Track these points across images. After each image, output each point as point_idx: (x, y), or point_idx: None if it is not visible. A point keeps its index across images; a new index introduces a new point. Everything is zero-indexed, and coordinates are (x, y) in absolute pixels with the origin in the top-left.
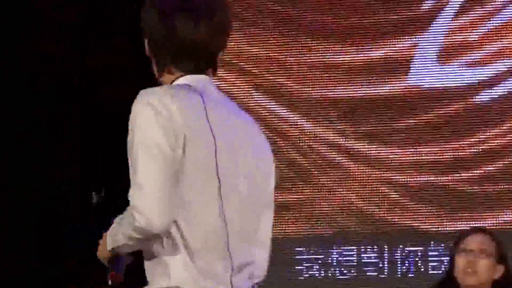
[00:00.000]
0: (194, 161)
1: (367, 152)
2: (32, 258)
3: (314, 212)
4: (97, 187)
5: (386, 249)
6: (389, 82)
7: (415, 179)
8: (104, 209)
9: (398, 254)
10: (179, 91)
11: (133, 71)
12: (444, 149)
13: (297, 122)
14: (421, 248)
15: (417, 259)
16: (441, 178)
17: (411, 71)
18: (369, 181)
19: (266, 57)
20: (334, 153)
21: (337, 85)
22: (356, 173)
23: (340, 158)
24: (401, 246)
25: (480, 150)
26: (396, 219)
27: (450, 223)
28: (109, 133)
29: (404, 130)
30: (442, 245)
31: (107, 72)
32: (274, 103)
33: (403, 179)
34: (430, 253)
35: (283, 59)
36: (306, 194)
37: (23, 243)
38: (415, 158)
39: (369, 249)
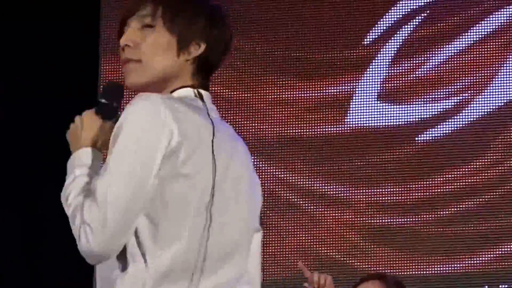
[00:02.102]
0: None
1: (325, 192)
2: (33, 258)
3: (269, 256)
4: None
5: None
6: (342, 121)
7: (373, 220)
8: None
9: None
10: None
11: None
12: (402, 190)
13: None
14: None
15: None
16: (401, 220)
17: (358, 109)
18: (326, 222)
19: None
20: (290, 193)
21: (292, 123)
22: (314, 214)
23: (296, 199)
24: None
25: (441, 191)
26: (354, 262)
27: (409, 266)
28: None
29: (362, 170)
30: None
31: None
32: None
33: (361, 221)
34: None
35: (234, 95)
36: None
37: (23, 242)
38: (373, 198)
39: None
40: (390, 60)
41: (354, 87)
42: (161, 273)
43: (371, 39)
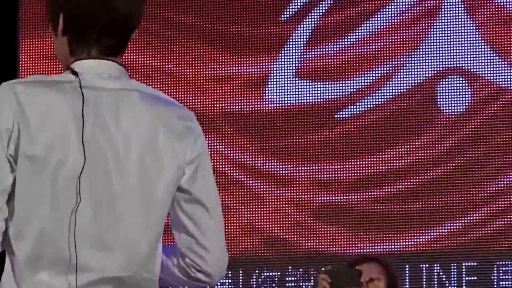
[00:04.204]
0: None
1: (265, 169)
2: None
3: None
4: None
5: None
6: (284, 97)
7: (316, 198)
8: None
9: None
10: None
11: None
12: (343, 167)
13: None
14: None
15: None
16: (343, 197)
17: (277, 86)
18: (270, 199)
19: (167, 69)
20: (232, 169)
21: (233, 98)
22: (256, 191)
23: (239, 175)
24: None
25: (393, 167)
26: (298, 240)
27: (353, 244)
28: None
29: (312, 146)
30: None
31: None
32: None
33: (304, 198)
34: None
35: (186, 71)
36: None
37: None
38: (314, 176)
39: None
40: (308, 36)
41: (272, 64)
42: (24, 261)
43: (288, 15)
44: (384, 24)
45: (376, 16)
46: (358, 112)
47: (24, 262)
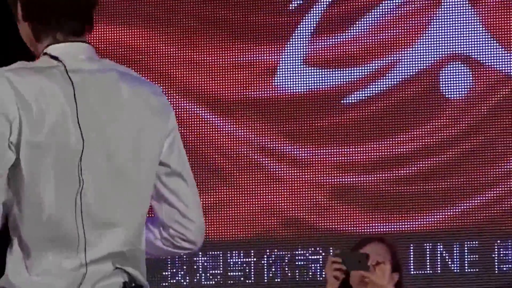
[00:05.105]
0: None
1: (287, 152)
2: None
3: (233, 215)
4: None
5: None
6: (304, 82)
7: (334, 180)
8: None
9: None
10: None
11: None
12: (363, 149)
13: (214, 122)
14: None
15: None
16: (351, 179)
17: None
18: (288, 181)
19: (180, 56)
20: (254, 153)
21: (255, 84)
22: (278, 174)
23: (261, 159)
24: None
25: (400, 151)
26: (315, 220)
27: (361, 224)
28: None
29: (324, 130)
30: None
31: None
32: (190, 104)
33: (322, 180)
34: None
35: (198, 58)
36: (225, 196)
37: None
38: (332, 158)
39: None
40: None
41: (281, 52)
42: (32, 244)
43: (296, 5)
44: (389, 13)
45: (381, 5)
46: (365, 98)
47: (32, 245)
